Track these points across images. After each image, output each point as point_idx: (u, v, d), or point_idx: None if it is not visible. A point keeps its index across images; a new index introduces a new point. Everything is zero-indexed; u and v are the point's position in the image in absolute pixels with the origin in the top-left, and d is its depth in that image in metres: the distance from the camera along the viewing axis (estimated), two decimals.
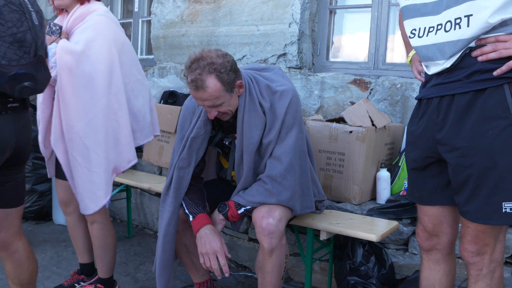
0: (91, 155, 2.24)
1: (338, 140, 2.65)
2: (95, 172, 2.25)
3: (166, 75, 4.26)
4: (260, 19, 3.56)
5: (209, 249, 2.05)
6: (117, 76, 2.29)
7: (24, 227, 3.52)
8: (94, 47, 2.23)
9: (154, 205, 3.74)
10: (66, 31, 2.33)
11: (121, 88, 2.31)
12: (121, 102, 2.31)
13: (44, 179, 3.90)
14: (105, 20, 2.32)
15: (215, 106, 2.00)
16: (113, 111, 2.28)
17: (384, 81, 3.05)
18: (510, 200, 1.44)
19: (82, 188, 2.28)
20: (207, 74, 1.92)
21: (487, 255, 1.57)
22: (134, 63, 2.46)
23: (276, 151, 2.09)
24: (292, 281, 2.91)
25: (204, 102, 1.98)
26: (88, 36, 2.25)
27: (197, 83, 1.92)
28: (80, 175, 2.27)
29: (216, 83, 1.93)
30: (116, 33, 2.35)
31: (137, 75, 2.46)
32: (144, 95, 2.50)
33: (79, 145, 2.23)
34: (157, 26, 4.35)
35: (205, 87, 1.92)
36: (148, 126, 2.51)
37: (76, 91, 2.22)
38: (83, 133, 2.22)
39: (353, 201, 2.65)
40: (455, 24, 1.46)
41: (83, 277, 2.74)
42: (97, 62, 2.23)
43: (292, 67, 3.43)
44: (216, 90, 1.94)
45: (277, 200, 2.05)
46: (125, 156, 2.34)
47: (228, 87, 1.98)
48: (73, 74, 2.21)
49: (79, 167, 2.25)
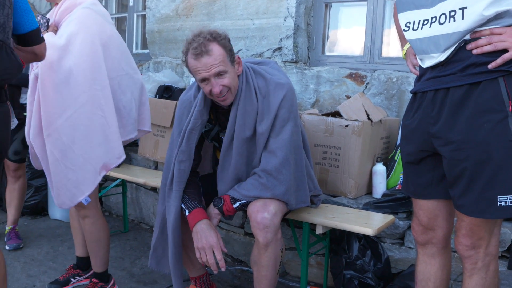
0: (67, 152, 2.22)
1: (334, 134, 2.65)
2: (70, 169, 2.23)
3: (162, 69, 4.25)
4: (255, 13, 3.55)
5: (205, 244, 2.05)
6: (101, 71, 2.25)
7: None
8: (76, 41, 2.19)
9: (149, 200, 3.74)
10: (54, 24, 2.30)
11: (107, 83, 2.27)
12: (107, 97, 2.27)
13: (40, 174, 3.88)
14: (89, 13, 2.27)
15: (220, 76, 1.99)
16: (100, 107, 2.25)
17: (380, 75, 3.04)
18: (505, 193, 1.44)
19: (59, 184, 2.27)
20: (209, 41, 1.97)
21: (482, 249, 1.57)
22: (123, 57, 2.42)
23: (272, 145, 2.08)
24: (288, 275, 2.92)
25: (209, 70, 1.97)
26: (71, 30, 2.21)
27: (201, 48, 1.94)
28: (57, 171, 2.25)
29: (219, 48, 1.97)
30: (102, 26, 2.31)
31: (126, 69, 2.42)
32: (133, 90, 2.46)
33: (57, 141, 2.21)
34: (152, 21, 4.33)
35: (209, 52, 1.95)
36: (133, 122, 2.47)
37: (56, 86, 2.18)
38: (62, 130, 2.20)
39: (349, 195, 2.65)
40: (449, 17, 1.45)
41: (79, 271, 2.74)
42: (79, 57, 2.19)
43: (287, 61, 3.42)
44: (220, 54, 1.97)
45: (272, 194, 2.05)
46: (115, 152, 2.31)
47: (230, 54, 2.02)
48: (54, 69, 2.17)
49: (56, 163, 2.24)
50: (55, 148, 2.22)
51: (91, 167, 2.26)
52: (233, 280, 2.89)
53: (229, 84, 2.02)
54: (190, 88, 2.28)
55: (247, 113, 2.09)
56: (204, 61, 1.96)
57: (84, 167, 2.25)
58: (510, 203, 1.44)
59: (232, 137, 2.13)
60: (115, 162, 2.33)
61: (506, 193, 1.44)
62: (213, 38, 1.97)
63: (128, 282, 2.82)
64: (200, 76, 2.00)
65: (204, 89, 2.04)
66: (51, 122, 2.20)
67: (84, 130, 2.22)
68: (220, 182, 2.22)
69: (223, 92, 2.02)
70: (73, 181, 2.25)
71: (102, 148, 2.27)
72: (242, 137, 2.11)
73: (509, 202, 1.44)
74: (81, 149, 2.22)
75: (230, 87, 2.03)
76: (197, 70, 1.99)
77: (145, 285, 2.80)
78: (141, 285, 2.79)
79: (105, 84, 2.26)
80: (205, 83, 2.02)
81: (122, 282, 2.80)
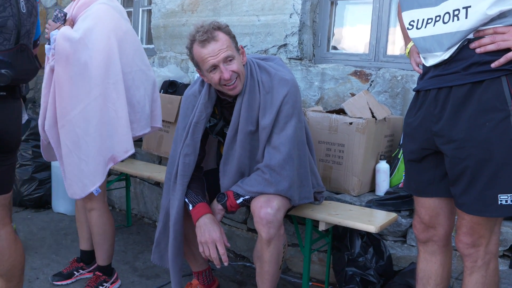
0: (81, 143, 2.26)
1: (338, 132, 2.66)
2: (83, 160, 2.28)
3: (166, 64, 4.25)
4: (261, 9, 3.55)
5: (208, 238, 2.06)
6: (115, 65, 2.28)
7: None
8: (92, 36, 2.23)
9: (153, 195, 3.75)
10: (71, 18, 2.34)
11: (120, 77, 2.29)
12: (119, 92, 2.29)
13: (44, 167, 3.91)
14: (106, 8, 2.31)
15: (229, 62, 2.01)
16: (112, 100, 2.27)
17: (385, 73, 3.04)
18: (506, 192, 1.45)
19: (71, 174, 2.32)
20: (214, 29, 2.01)
21: (482, 247, 1.58)
22: (137, 53, 2.44)
23: (275, 141, 2.09)
24: (290, 272, 2.93)
25: (217, 55, 1.98)
26: (87, 25, 2.25)
27: (208, 35, 1.97)
28: (70, 162, 2.30)
29: (224, 35, 2.02)
30: (118, 22, 2.34)
31: (140, 65, 2.44)
32: (146, 86, 2.48)
33: (70, 133, 2.26)
34: (158, 16, 4.33)
35: (215, 37, 1.98)
36: (146, 117, 2.49)
37: (71, 79, 2.23)
38: (75, 121, 2.25)
39: (352, 192, 2.66)
40: (453, 16, 1.45)
41: (82, 264, 2.76)
42: (94, 51, 2.22)
43: (292, 58, 3.42)
44: (226, 40, 2.01)
45: (276, 190, 2.06)
46: (122, 146, 2.33)
47: (234, 41, 2.06)
48: (69, 62, 2.22)
49: (69, 154, 2.29)
50: (68, 139, 2.27)
51: (102, 158, 2.30)
52: (236, 275, 2.90)
53: (238, 70, 2.03)
54: (194, 83, 2.29)
55: (251, 106, 2.10)
56: (212, 47, 1.97)
57: (96, 158, 2.29)
58: (511, 202, 1.45)
59: (236, 130, 2.14)
60: (122, 156, 2.34)
61: (507, 192, 1.45)
62: (217, 27, 2.01)
63: (131, 276, 2.83)
64: (208, 64, 2.00)
65: (213, 78, 2.03)
66: (65, 113, 2.26)
67: (96, 123, 2.26)
68: (223, 176, 2.22)
69: (232, 78, 2.02)
70: (86, 172, 2.29)
71: (111, 140, 2.30)
72: (245, 130, 2.12)
73: (509, 201, 1.45)
74: (93, 141, 2.26)
75: (239, 73, 2.04)
76: (205, 58, 1.99)
77: (148, 279, 2.81)
78: (143, 279, 2.80)
79: (118, 78, 2.29)
80: (214, 71, 2.02)
81: (125, 276, 2.81)
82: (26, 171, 3.87)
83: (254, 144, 2.15)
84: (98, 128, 2.26)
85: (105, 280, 2.58)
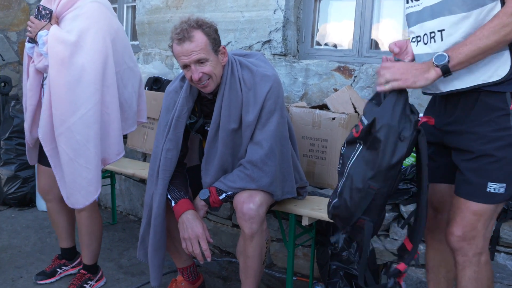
0: (83, 150, 2.19)
1: (321, 127, 2.67)
2: (86, 168, 2.21)
3: (151, 61, 4.24)
4: (245, 6, 3.54)
5: (191, 234, 2.06)
6: (110, 67, 2.24)
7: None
8: (88, 38, 2.16)
9: (138, 192, 3.74)
10: (56, 16, 2.25)
11: (114, 79, 2.26)
12: (113, 94, 2.27)
13: (28, 165, 3.87)
14: (98, 7, 2.24)
15: (201, 64, 2.00)
16: (106, 104, 2.24)
17: (368, 69, 3.06)
18: (496, 181, 1.51)
19: (73, 183, 2.24)
20: (194, 28, 1.99)
21: (473, 241, 1.60)
22: (126, 51, 2.41)
23: (257, 137, 2.10)
24: (275, 267, 2.94)
25: (189, 56, 1.98)
26: (81, 25, 2.17)
27: (184, 34, 1.96)
28: (72, 171, 2.22)
29: (202, 36, 1.99)
30: (110, 20, 2.28)
31: (128, 62, 2.42)
32: (133, 83, 2.46)
33: (70, 140, 2.17)
34: (142, 12, 4.31)
35: (191, 38, 1.97)
36: (133, 115, 2.48)
37: (69, 84, 2.14)
38: (75, 128, 2.17)
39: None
40: (430, 38, 1.55)
41: (65, 261, 2.74)
42: (91, 53, 2.16)
43: (276, 54, 3.43)
44: (202, 42, 1.98)
45: (258, 185, 2.07)
46: (114, 149, 2.31)
47: (214, 44, 2.03)
48: (65, 66, 2.13)
49: (70, 162, 2.20)
50: (68, 147, 2.18)
51: (100, 163, 2.28)
52: (221, 271, 2.91)
53: (210, 72, 2.03)
54: (175, 79, 2.29)
55: (232, 104, 2.10)
56: (186, 47, 1.97)
57: (98, 164, 2.25)
58: (499, 191, 1.52)
59: (217, 128, 2.14)
60: (114, 158, 2.33)
61: (497, 181, 1.51)
62: (198, 25, 1.99)
63: (116, 273, 2.83)
64: (181, 62, 2.03)
65: (186, 75, 2.07)
66: (63, 120, 2.16)
67: (97, 128, 2.20)
68: (205, 174, 2.22)
69: (202, 80, 2.03)
70: (89, 180, 2.23)
71: (104, 143, 2.27)
72: (227, 128, 2.12)
73: (497, 189, 1.51)
74: (95, 147, 2.21)
75: (211, 75, 2.04)
76: (179, 56, 2.01)
77: (133, 276, 2.81)
78: (128, 276, 2.80)
79: (112, 80, 2.25)
80: (186, 69, 2.04)
81: (110, 273, 2.81)
82: (10, 169, 3.83)
83: (237, 141, 2.15)
84: (98, 133, 2.22)
85: (89, 278, 2.57)
